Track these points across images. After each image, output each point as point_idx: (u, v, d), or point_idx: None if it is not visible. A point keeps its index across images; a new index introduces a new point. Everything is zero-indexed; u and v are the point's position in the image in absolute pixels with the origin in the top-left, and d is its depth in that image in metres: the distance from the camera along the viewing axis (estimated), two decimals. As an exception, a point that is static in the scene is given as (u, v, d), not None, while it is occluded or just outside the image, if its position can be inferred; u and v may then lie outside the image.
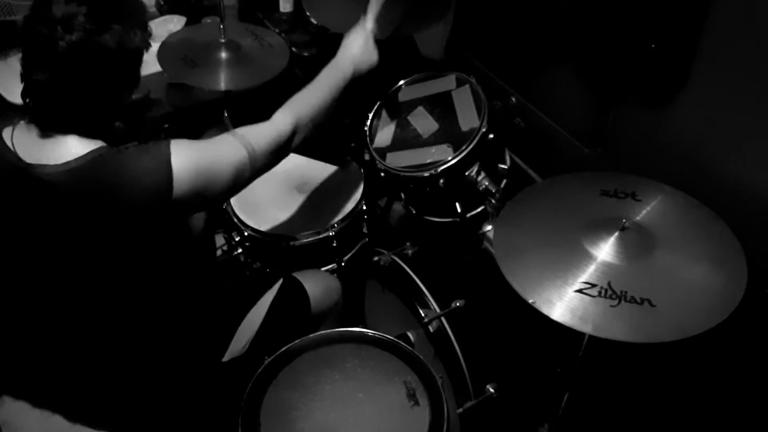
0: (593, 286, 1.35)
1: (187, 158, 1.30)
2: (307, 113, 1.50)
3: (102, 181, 1.28)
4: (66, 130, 1.29)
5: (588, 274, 1.38)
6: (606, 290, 1.34)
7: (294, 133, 1.49)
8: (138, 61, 1.34)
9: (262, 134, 1.45)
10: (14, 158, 1.29)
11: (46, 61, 1.23)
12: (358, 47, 1.63)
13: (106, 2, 1.26)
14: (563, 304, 1.33)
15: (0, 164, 1.30)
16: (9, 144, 1.30)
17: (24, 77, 1.27)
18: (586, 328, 1.30)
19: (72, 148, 1.29)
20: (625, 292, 1.34)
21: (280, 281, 1.75)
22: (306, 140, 1.51)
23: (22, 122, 1.33)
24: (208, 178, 1.34)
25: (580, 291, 1.35)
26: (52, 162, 1.27)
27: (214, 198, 1.40)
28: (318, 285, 1.81)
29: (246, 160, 1.39)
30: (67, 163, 1.27)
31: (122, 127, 1.33)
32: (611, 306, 1.32)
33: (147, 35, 1.34)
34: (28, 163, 1.28)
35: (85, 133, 1.30)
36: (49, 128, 1.30)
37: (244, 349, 1.62)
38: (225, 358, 1.61)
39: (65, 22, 1.21)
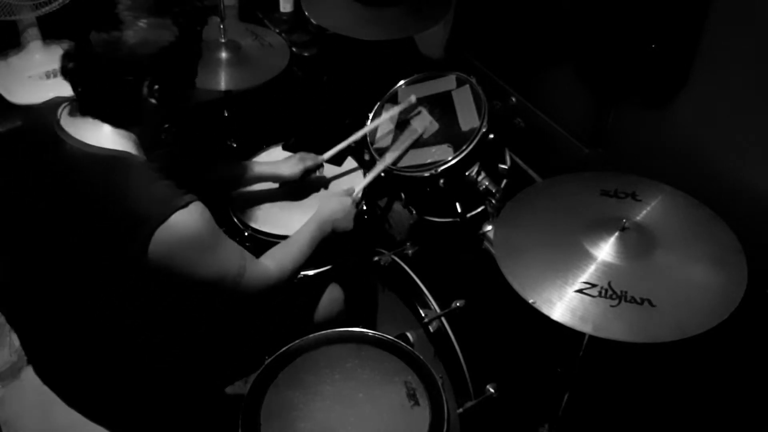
0: (593, 286, 1.35)
1: (194, 221, 1.29)
2: (289, 265, 1.57)
3: (107, 177, 1.27)
4: (103, 119, 1.31)
5: (588, 274, 1.38)
6: (606, 290, 1.34)
7: (279, 279, 1.53)
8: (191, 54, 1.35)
9: (257, 267, 1.48)
10: (56, 125, 1.31)
11: (105, 57, 1.24)
12: (335, 211, 1.71)
13: None
14: (563, 304, 1.33)
15: (45, 129, 1.32)
16: (58, 112, 1.33)
17: (76, 65, 1.28)
18: (586, 328, 1.30)
19: (103, 137, 1.30)
20: (626, 292, 1.34)
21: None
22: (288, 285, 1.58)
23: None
24: (195, 254, 1.31)
25: (580, 291, 1.35)
26: (81, 138, 1.29)
27: (182, 279, 1.33)
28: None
29: (234, 273, 1.40)
30: (91, 146, 1.28)
31: (154, 104, 1.30)
32: (611, 306, 1.32)
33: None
34: (66, 132, 1.30)
35: (120, 124, 1.31)
36: (88, 113, 1.31)
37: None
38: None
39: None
